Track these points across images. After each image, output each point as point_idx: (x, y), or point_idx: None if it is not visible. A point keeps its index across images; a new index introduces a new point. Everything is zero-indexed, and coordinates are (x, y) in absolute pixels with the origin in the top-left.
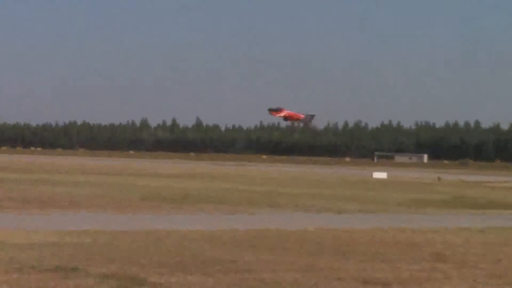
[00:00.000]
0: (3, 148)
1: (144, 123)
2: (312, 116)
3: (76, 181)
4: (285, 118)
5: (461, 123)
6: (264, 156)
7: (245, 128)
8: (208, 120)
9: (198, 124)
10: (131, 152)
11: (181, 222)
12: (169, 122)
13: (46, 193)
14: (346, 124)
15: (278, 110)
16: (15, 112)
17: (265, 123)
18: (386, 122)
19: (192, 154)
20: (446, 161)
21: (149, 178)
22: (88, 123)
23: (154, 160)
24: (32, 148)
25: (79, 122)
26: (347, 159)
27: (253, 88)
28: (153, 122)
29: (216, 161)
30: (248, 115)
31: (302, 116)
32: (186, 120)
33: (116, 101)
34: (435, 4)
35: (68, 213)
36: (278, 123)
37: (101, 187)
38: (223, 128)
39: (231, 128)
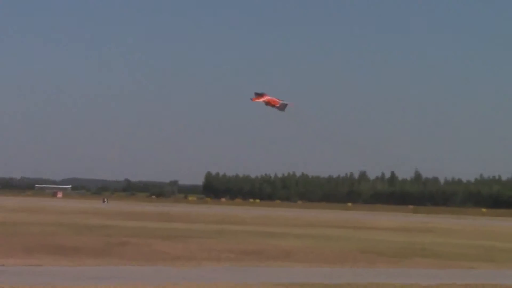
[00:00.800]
0: (223, 199)
1: (363, 175)
2: (286, 105)
3: (294, 233)
4: (266, 103)
5: None
6: (484, 210)
7: (464, 181)
8: (427, 172)
9: (417, 176)
10: (349, 204)
11: (396, 276)
12: (387, 175)
13: (262, 245)
14: None
15: (260, 95)
16: (234, 165)
17: (485, 176)
18: None
19: (410, 206)
20: None
21: (367, 231)
22: (306, 175)
23: (372, 213)
24: (251, 200)
25: (298, 174)
26: None
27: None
28: (371, 174)
29: (433, 214)
30: (468, 167)
31: (278, 102)
32: (405, 173)
33: (334, 153)
34: None
35: (283, 265)
36: (499, 175)
37: (320, 240)
38: (442, 181)
39: (450, 180)
